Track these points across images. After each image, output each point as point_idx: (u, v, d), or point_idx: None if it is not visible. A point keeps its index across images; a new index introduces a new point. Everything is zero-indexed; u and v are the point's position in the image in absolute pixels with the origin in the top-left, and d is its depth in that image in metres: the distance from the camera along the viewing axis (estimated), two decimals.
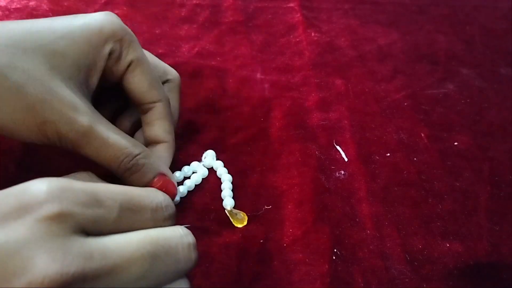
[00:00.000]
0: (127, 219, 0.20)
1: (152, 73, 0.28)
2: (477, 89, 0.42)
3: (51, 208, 0.17)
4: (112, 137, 0.25)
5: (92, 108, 0.26)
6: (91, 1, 0.47)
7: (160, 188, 0.26)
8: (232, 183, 0.31)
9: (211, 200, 0.30)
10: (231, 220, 0.29)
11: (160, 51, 0.42)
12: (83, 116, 0.24)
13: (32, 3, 0.45)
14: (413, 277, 0.26)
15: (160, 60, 0.32)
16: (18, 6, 0.45)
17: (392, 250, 0.28)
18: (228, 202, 0.29)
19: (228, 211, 0.29)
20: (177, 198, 0.29)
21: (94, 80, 0.27)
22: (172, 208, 0.22)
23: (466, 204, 0.31)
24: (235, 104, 0.38)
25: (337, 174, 0.33)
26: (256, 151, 0.34)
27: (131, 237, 0.19)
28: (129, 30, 0.28)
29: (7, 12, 0.44)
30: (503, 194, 0.32)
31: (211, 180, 0.32)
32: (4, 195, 0.18)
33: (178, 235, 0.20)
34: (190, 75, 0.40)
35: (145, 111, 0.29)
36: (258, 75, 0.41)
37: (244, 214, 0.29)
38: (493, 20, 0.52)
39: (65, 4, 0.46)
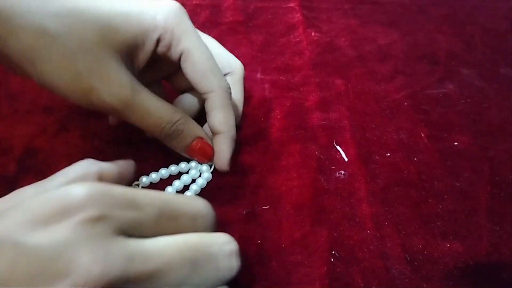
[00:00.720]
0: (165, 225, 0.20)
1: (206, 63, 0.29)
2: (477, 89, 0.42)
3: (92, 211, 0.17)
4: (154, 106, 0.28)
5: (135, 80, 0.27)
6: None
7: (198, 151, 0.30)
8: (209, 182, 0.31)
9: (209, 201, 0.30)
10: None
11: None
12: (126, 87, 0.26)
13: None
14: (413, 277, 0.26)
15: (226, 51, 0.33)
16: None
17: (392, 250, 0.28)
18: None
19: None
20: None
21: (141, 59, 0.29)
22: (212, 216, 0.22)
23: (466, 204, 0.31)
24: None
25: (337, 174, 0.33)
26: (256, 151, 0.34)
27: (171, 240, 0.19)
28: (185, 20, 0.28)
29: None
30: (503, 194, 0.32)
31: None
32: (45, 199, 0.18)
33: (220, 242, 0.20)
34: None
35: (204, 100, 0.30)
36: (258, 75, 0.41)
37: None
38: (493, 20, 0.52)
39: None
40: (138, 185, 0.30)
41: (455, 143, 0.36)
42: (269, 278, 0.26)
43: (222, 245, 0.20)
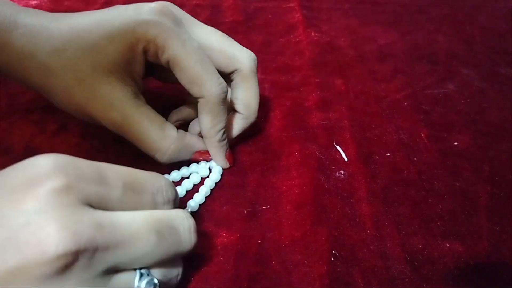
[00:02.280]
0: (129, 199, 0.20)
1: (193, 70, 0.28)
2: (477, 89, 0.42)
3: (59, 181, 0.18)
4: (143, 133, 0.28)
5: (130, 98, 0.28)
6: (91, 1, 0.47)
7: (197, 159, 0.31)
8: (217, 183, 0.31)
9: (209, 200, 0.30)
10: None
11: None
12: (116, 113, 0.28)
13: (33, 3, 0.45)
14: (413, 277, 0.26)
15: (231, 43, 0.32)
16: None
17: (392, 250, 0.28)
18: (192, 204, 0.29)
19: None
20: (196, 205, 0.30)
21: (138, 69, 0.29)
22: (172, 193, 0.23)
23: (466, 204, 0.31)
24: None
25: (337, 174, 0.33)
26: (256, 151, 0.34)
27: (137, 214, 0.20)
28: (167, 27, 0.27)
29: None
30: (503, 194, 0.32)
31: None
32: (11, 169, 0.18)
33: (181, 217, 0.22)
34: None
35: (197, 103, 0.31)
36: (258, 75, 0.41)
37: None
38: (493, 20, 0.52)
39: (66, 3, 0.46)
40: None
41: (455, 143, 0.36)
42: (269, 277, 0.26)
43: (182, 220, 0.21)
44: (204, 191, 0.30)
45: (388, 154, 0.34)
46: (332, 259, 0.27)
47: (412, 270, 0.27)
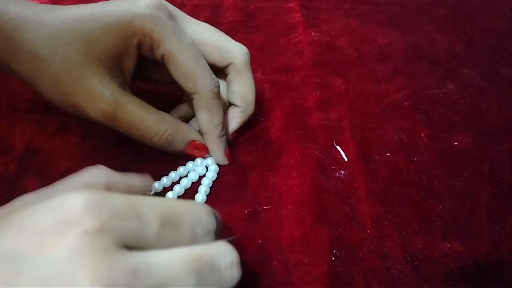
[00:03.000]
0: (167, 234, 0.19)
1: (188, 65, 0.28)
2: (477, 89, 0.42)
3: (91, 223, 0.16)
4: (138, 118, 0.28)
5: (120, 91, 0.28)
6: (92, 1, 0.47)
7: (193, 152, 0.31)
8: (214, 182, 0.32)
9: (210, 201, 0.30)
10: None
11: None
12: (107, 101, 0.27)
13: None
14: (413, 277, 0.26)
15: (224, 38, 0.32)
16: None
17: (392, 250, 0.28)
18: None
19: None
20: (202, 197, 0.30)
21: (129, 64, 0.29)
22: (213, 223, 0.21)
23: (466, 204, 0.31)
24: None
25: (337, 174, 0.33)
26: (256, 151, 0.34)
27: (175, 254, 0.18)
28: (163, 21, 0.28)
29: None
30: (503, 194, 0.32)
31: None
32: (39, 210, 0.17)
33: (222, 252, 0.20)
34: None
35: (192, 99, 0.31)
36: (258, 75, 0.41)
37: None
38: (493, 20, 0.52)
39: (66, 3, 0.46)
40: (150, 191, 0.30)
41: (455, 143, 0.36)
42: (270, 277, 0.26)
43: (224, 256, 0.20)
44: (203, 190, 0.30)
45: (388, 154, 0.34)
46: (333, 258, 0.27)
47: (412, 270, 0.27)
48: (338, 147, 0.35)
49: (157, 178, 0.31)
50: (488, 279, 0.27)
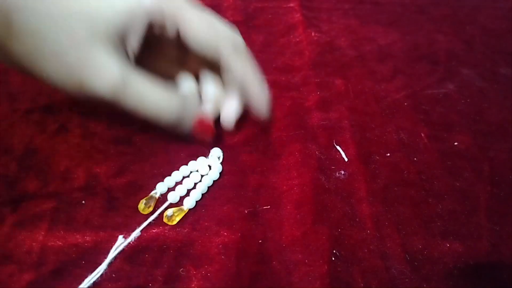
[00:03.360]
0: None
1: (205, 22, 0.28)
2: (477, 89, 0.42)
3: None
4: (148, 94, 0.28)
5: (129, 67, 0.27)
6: None
7: (199, 131, 0.31)
8: (215, 181, 0.32)
9: (210, 200, 0.30)
10: (172, 214, 0.29)
11: None
12: (116, 75, 0.26)
13: None
14: (413, 277, 0.26)
15: (220, 24, 0.31)
16: None
17: (392, 250, 0.28)
18: (188, 201, 0.30)
19: (179, 209, 0.29)
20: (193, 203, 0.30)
21: (134, 43, 0.28)
22: None
23: (466, 204, 0.31)
24: None
25: (337, 174, 0.33)
26: (256, 151, 0.34)
27: None
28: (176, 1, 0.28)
29: None
30: (503, 194, 0.32)
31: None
32: None
33: None
34: None
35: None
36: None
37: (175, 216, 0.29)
38: (493, 20, 0.52)
39: None
40: (156, 193, 0.30)
41: (455, 143, 0.36)
42: (270, 277, 0.26)
43: None
44: (201, 188, 0.30)
45: (388, 154, 0.34)
46: (333, 258, 0.27)
47: (412, 270, 0.27)
48: (338, 147, 0.35)
49: (157, 178, 0.31)
50: (488, 279, 0.27)
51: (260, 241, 0.28)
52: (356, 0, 0.54)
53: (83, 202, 0.30)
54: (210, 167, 0.32)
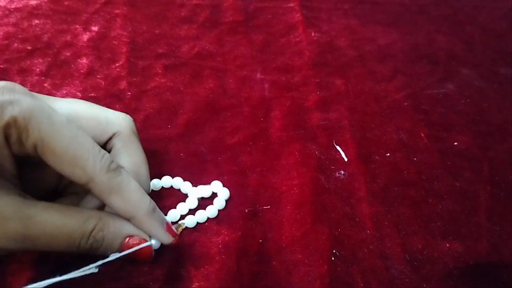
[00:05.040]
0: None
1: (69, 149, 0.22)
2: (477, 89, 0.42)
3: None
4: (58, 224, 0.22)
5: (22, 200, 0.22)
6: (91, 1, 0.47)
7: (133, 252, 0.24)
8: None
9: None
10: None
11: (160, 51, 0.42)
12: (13, 221, 0.22)
13: (33, 2, 0.45)
14: (413, 277, 0.26)
15: (102, 109, 0.27)
16: (18, 5, 0.45)
17: (392, 250, 0.28)
18: (190, 221, 0.28)
19: (181, 227, 0.27)
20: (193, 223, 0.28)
21: (8, 166, 0.23)
22: None
23: (466, 204, 0.31)
24: (235, 104, 0.38)
25: (337, 174, 0.33)
26: (256, 151, 0.34)
27: None
28: (26, 103, 0.22)
29: (7, 12, 0.44)
30: (503, 194, 0.32)
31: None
32: None
33: None
34: (190, 75, 0.40)
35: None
36: (258, 75, 0.41)
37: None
38: (493, 20, 0.52)
39: (66, 3, 0.46)
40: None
41: (455, 143, 0.36)
42: (270, 277, 0.26)
43: None
44: (204, 214, 0.29)
45: (388, 154, 0.34)
46: (333, 258, 0.27)
47: (412, 270, 0.27)
48: (338, 147, 0.35)
49: (158, 178, 0.31)
50: (488, 279, 0.27)
51: (260, 241, 0.28)
52: (356, 0, 0.54)
53: None
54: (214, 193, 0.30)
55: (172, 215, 0.29)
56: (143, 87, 0.37)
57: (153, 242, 0.25)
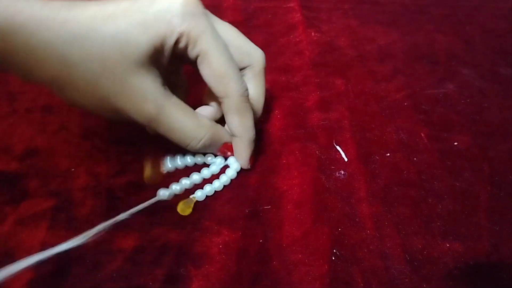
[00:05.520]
0: None
1: (222, 68, 0.28)
2: (477, 89, 0.42)
3: None
4: (178, 122, 0.28)
5: (161, 90, 0.27)
6: None
7: (224, 154, 0.32)
8: (232, 180, 0.32)
9: (211, 200, 0.30)
10: (183, 204, 0.30)
11: None
12: (151, 105, 0.27)
13: None
14: (413, 277, 0.26)
15: (246, 40, 0.32)
16: None
17: (392, 250, 0.28)
18: (199, 194, 0.30)
19: (189, 200, 0.30)
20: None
21: (164, 61, 0.28)
22: None
23: (466, 204, 0.31)
24: None
25: (337, 174, 0.33)
26: (257, 151, 0.34)
27: None
28: (202, 21, 0.27)
29: None
30: (503, 194, 0.32)
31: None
32: None
33: None
34: (190, 75, 0.40)
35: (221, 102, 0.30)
36: None
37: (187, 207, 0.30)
38: (493, 20, 0.52)
39: None
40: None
41: (455, 143, 0.36)
42: (270, 277, 0.26)
43: None
44: (216, 185, 0.31)
45: (388, 154, 0.34)
46: (333, 258, 0.27)
47: (412, 270, 0.27)
48: (338, 147, 0.35)
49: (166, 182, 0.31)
50: (488, 279, 0.27)
51: (260, 241, 0.28)
52: (356, 0, 0.54)
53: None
54: (226, 165, 0.32)
55: (185, 183, 0.31)
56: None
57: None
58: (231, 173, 0.31)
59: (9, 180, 0.31)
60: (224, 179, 0.31)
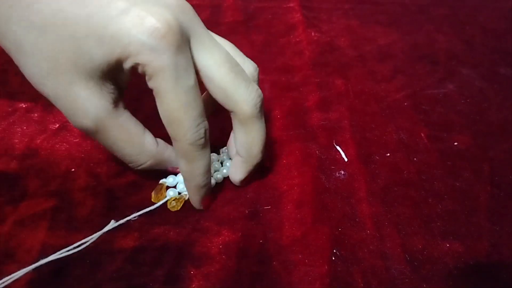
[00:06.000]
0: None
1: (173, 111, 0.25)
2: (477, 89, 0.42)
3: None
4: (118, 145, 0.27)
5: (108, 108, 0.25)
6: None
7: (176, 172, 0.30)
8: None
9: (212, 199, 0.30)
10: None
11: None
12: (90, 122, 0.25)
13: None
14: (413, 277, 0.26)
15: (235, 79, 0.27)
16: None
17: (392, 250, 0.28)
18: (219, 176, 0.31)
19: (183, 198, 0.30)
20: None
21: (123, 77, 0.26)
22: None
23: (466, 204, 0.31)
24: None
25: (337, 174, 0.33)
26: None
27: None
28: (165, 57, 0.23)
29: None
30: (503, 194, 0.32)
31: None
32: None
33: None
34: None
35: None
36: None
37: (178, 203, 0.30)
38: (493, 20, 0.52)
39: None
40: (164, 181, 0.31)
41: (455, 143, 0.36)
42: (270, 277, 0.26)
43: None
44: (218, 177, 0.31)
45: (388, 154, 0.34)
46: (333, 258, 0.27)
47: (412, 270, 0.27)
48: (338, 147, 0.35)
49: (159, 177, 0.31)
50: (488, 279, 0.27)
51: (260, 241, 0.28)
52: (356, 0, 0.54)
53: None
54: (222, 163, 0.32)
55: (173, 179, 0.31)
56: (143, 87, 0.36)
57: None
58: (225, 170, 0.31)
59: (9, 180, 0.31)
60: (218, 176, 0.31)
